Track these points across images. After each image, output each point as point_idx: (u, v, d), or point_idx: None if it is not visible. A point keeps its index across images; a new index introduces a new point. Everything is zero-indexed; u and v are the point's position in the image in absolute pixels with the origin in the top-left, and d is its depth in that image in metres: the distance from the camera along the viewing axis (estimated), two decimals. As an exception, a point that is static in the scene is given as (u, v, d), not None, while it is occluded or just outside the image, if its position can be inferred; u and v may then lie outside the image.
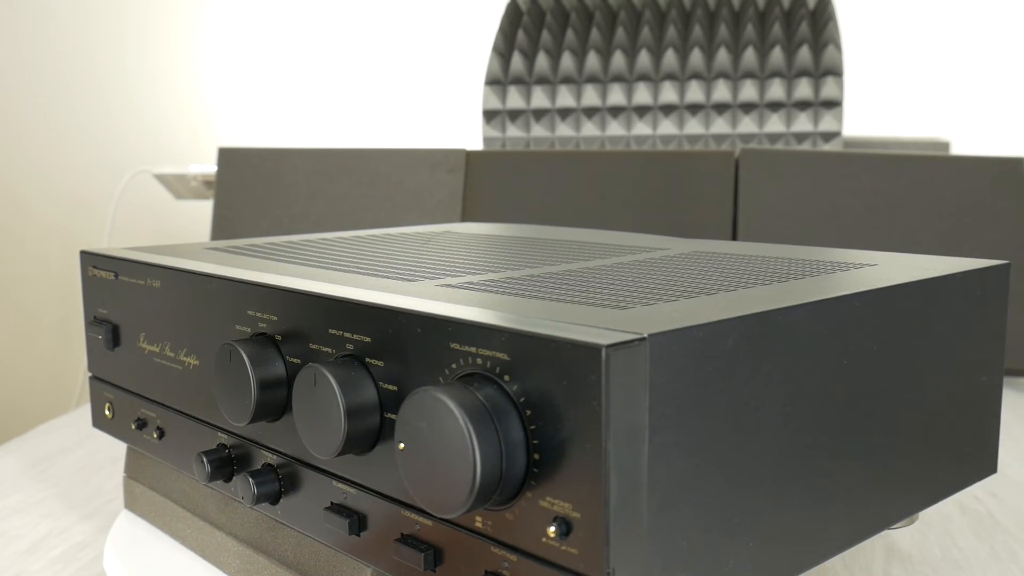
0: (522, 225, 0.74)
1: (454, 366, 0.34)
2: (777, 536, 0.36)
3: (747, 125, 1.24)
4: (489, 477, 0.31)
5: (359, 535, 0.39)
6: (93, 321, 0.56)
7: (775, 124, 1.24)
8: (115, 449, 0.79)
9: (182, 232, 1.85)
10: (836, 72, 1.22)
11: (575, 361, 0.30)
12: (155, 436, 0.52)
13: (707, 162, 1.05)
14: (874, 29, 1.71)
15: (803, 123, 1.23)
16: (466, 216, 1.08)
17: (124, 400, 0.55)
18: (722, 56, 1.26)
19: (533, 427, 0.31)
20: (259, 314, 0.43)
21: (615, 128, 1.27)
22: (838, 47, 1.24)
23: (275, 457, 0.44)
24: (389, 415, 0.37)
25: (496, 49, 1.31)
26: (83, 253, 0.57)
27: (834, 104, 1.22)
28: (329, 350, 0.40)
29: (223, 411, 0.43)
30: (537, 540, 0.32)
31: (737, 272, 0.46)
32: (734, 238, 1.04)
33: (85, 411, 0.93)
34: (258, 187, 1.12)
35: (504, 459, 0.31)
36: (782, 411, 0.36)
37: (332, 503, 0.41)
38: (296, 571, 0.45)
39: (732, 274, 0.46)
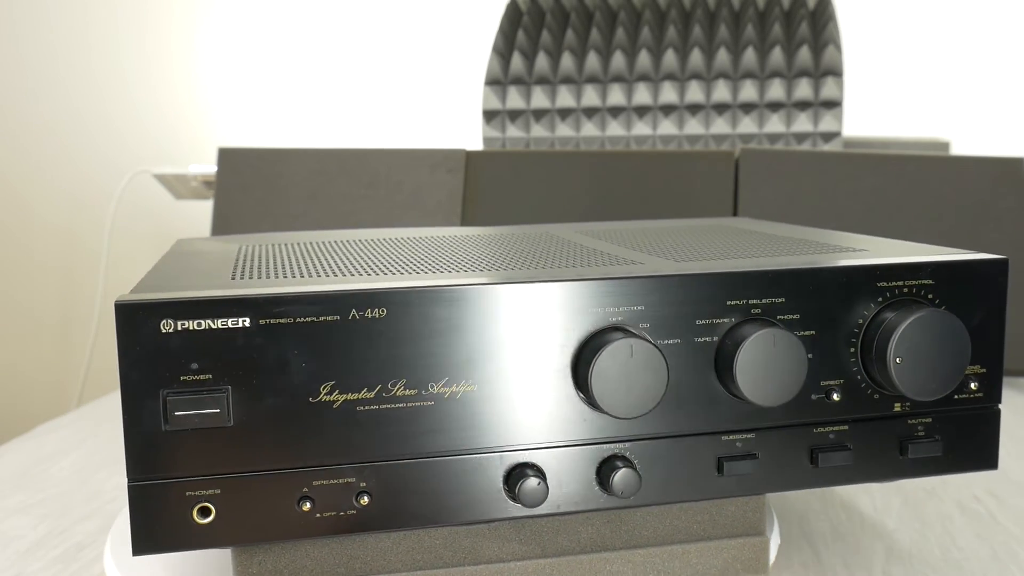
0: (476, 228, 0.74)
1: (880, 299, 0.47)
2: None
3: (747, 125, 1.24)
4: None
5: (759, 471, 0.48)
6: (174, 392, 0.41)
7: (775, 124, 1.24)
8: (116, 449, 0.79)
9: (182, 233, 1.85)
10: (836, 72, 1.22)
11: (986, 273, 0.48)
12: (358, 504, 0.44)
13: (707, 162, 1.05)
14: (874, 29, 1.71)
15: (803, 123, 1.23)
16: (466, 216, 1.08)
17: (252, 487, 0.43)
18: (722, 56, 1.26)
19: None
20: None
21: (615, 128, 1.27)
22: (838, 47, 1.24)
23: (626, 446, 0.47)
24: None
25: (496, 49, 1.31)
26: (124, 305, 0.41)
27: (834, 104, 1.22)
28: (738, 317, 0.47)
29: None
30: (948, 398, 0.49)
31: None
32: (734, 238, 1.04)
33: (85, 411, 0.93)
34: (258, 187, 1.12)
35: None
36: None
37: (724, 456, 0.47)
38: (665, 543, 0.51)
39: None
